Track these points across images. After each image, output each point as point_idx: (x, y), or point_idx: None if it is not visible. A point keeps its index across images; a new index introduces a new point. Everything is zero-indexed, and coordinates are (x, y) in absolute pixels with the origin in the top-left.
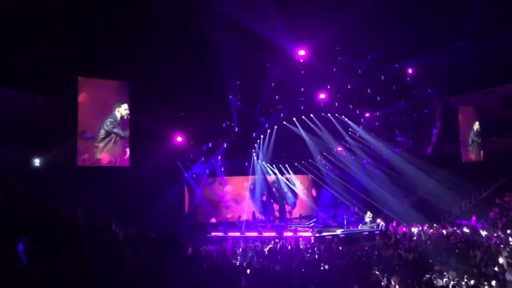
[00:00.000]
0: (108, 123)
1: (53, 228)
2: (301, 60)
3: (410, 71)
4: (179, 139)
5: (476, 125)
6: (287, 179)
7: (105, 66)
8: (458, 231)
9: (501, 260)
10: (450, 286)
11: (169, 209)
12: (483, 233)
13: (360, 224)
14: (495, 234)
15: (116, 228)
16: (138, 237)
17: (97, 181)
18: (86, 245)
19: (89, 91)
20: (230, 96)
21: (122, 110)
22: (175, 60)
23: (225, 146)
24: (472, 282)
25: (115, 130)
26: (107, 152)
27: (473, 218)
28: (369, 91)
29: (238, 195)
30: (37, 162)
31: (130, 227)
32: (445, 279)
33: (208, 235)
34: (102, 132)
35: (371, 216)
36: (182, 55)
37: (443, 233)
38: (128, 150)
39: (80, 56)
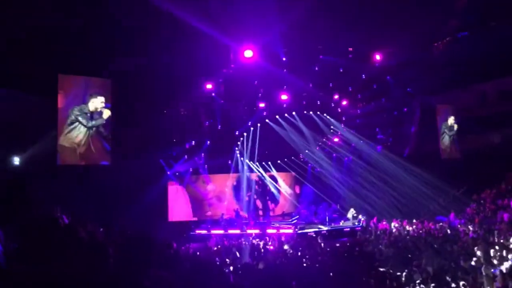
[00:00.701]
0: (76, 110)
1: (31, 227)
2: (284, 59)
3: (390, 69)
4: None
5: (454, 123)
6: (270, 176)
7: (87, 63)
8: (436, 227)
9: (478, 254)
10: (429, 280)
11: (152, 208)
12: (461, 228)
13: (342, 221)
14: (472, 229)
15: (96, 227)
16: (119, 236)
17: (78, 180)
18: (65, 245)
19: (70, 88)
20: (213, 94)
21: (98, 102)
22: (158, 58)
23: (208, 144)
24: (450, 276)
25: (80, 118)
26: (87, 150)
27: (452, 214)
28: (350, 89)
29: (222, 193)
30: (16, 161)
31: (111, 226)
32: (423, 274)
33: (191, 233)
34: (68, 121)
35: (354, 213)
36: (165, 52)
37: (422, 228)
38: (107, 147)
39: (61, 53)
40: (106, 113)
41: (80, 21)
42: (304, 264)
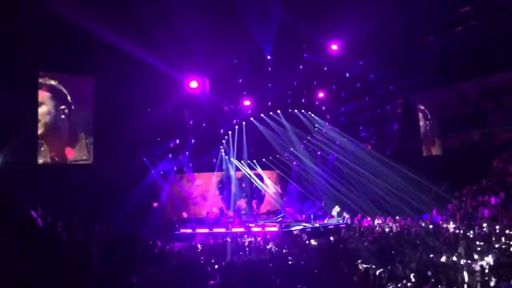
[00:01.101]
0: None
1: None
2: (269, 57)
3: (373, 68)
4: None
5: (435, 121)
6: (255, 174)
7: (69, 61)
8: (419, 223)
9: (459, 250)
10: (411, 276)
11: (136, 207)
12: (443, 224)
13: (327, 218)
14: (454, 226)
15: (78, 227)
16: (102, 235)
17: (61, 179)
18: (44, 245)
19: (51, 85)
20: (199, 92)
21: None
22: (139, 54)
23: (192, 142)
24: (432, 271)
25: (62, 116)
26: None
27: (434, 210)
28: (334, 87)
29: (206, 191)
30: None
31: (93, 225)
32: (406, 270)
33: (176, 232)
34: (50, 119)
35: (338, 210)
36: (149, 49)
37: (405, 225)
38: (91, 147)
39: (42, 50)
40: (88, 112)
41: (62, 19)
42: (290, 262)
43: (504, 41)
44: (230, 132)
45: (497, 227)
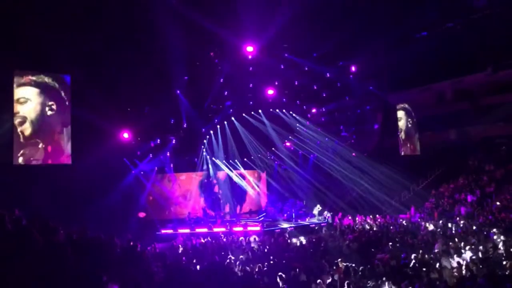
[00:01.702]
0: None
1: None
2: (250, 57)
3: (353, 68)
4: (125, 135)
5: (413, 121)
6: (236, 174)
7: (44, 59)
8: (398, 221)
9: (437, 247)
10: (391, 273)
11: (116, 208)
12: (421, 222)
13: (308, 217)
14: (431, 223)
15: (54, 228)
16: (78, 236)
17: (37, 180)
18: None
19: (26, 85)
20: (178, 91)
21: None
22: (121, 54)
23: (173, 142)
24: (410, 268)
25: (39, 116)
26: (46, 149)
27: (412, 208)
28: (315, 87)
29: (188, 191)
30: None
31: (70, 226)
32: (386, 268)
33: (157, 232)
34: (26, 119)
35: (319, 209)
36: (128, 49)
37: (384, 223)
38: (69, 147)
39: (17, 49)
40: (67, 113)
41: (38, 18)
42: (271, 262)
43: (480, 42)
44: (211, 132)
45: (473, 225)
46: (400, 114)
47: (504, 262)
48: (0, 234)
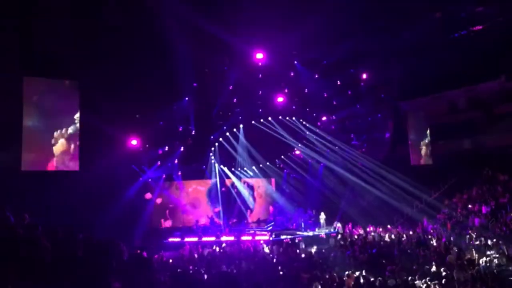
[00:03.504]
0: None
1: None
2: (260, 64)
3: (364, 76)
4: (134, 142)
5: (425, 129)
6: (245, 182)
7: (54, 66)
8: (410, 232)
9: (449, 259)
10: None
11: (124, 215)
12: (434, 233)
13: (318, 227)
14: (445, 234)
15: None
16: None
17: (45, 187)
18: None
19: (36, 91)
20: (186, 98)
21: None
22: (130, 61)
23: (181, 149)
24: (422, 281)
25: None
26: (53, 155)
27: (424, 219)
28: (325, 95)
29: (196, 199)
30: None
31: (76, 233)
32: (397, 280)
33: (164, 241)
34: (35, 125)
35: (324, 218)
36: (137, 56)
37: (395, 234)
38: (77, 153)
39: (27, 55)
40: (75, 119)
41: (47, 23)
42: (281, 272)
43: (494, 51)
44: (220, 139)
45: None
46: (412, 123)
47: None
48: (11, 239)
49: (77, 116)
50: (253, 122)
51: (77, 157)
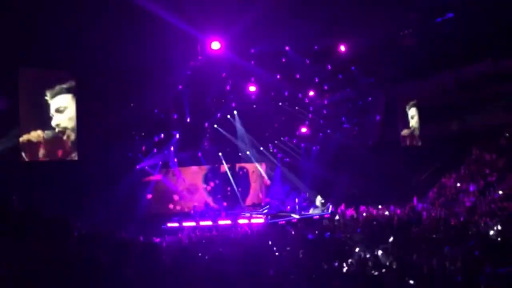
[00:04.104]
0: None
1: None
2: (252, 51)
3: (342, 48)
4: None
5: (414, 112)
6: (240, 167)
7: (50, 56)
8: (398, 211)
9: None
10: (394, 263)
11: (122, 203)
12: (423, 212)
13: (312, 208)
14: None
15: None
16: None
17: (44, 176)
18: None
19: (31, 82)
20: (180, 86)
21: (63, 97)
22: (124, 50)
23: (177, 137)
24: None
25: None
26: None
27: (415, 198)
28: (317, 80)
29: (192, 185)
30: None
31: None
32: (390, 257)
33: (163, 226)
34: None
35: (321, 200)
36: (131, 43)
37: (386, 214)
38: (73, 142)
39: (21, 46)
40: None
41: (41, 13)
42: (276, 253)
43: (482, 32)
44: (215, 125)
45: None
46: (402, 105)
47: None
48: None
49: (73, 106)
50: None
51: (75, 146)
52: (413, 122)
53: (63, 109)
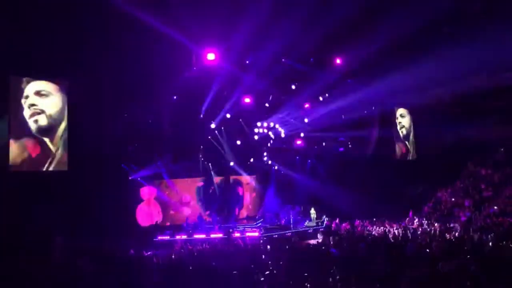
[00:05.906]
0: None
1: None
2: (247, 62)
3: (338, 61)
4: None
5: (410, 124)
6: (234, 179)
7: (42, 66)
8: (394, 226)
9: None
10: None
11: (113, 215)
12: (419, 228)
13: (306, 221)
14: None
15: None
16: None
17: (34, 187)
18: None
19: (23, 91)
20: (174, 97)
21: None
22: (118, 61)
23: (171, 148)
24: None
25: (34, 123)
26: (24, 148)
27: (410, 212)
28: (312, 92)
29: (185, 197)
30: None
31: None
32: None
33: (154, 239)
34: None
35: (315, 213)
36: (125, 55)
37: (381, 229)
38: (65, 152)
39: (13, 55)
40: (63, 119)
41: (35, 23)
42: (270, 267)
43: (475, 46)
44: (209, 137)
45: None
46: (397, 118)
47: None
48: None
49: (65, 116)
50: (240, 120)
51: (66, 157)
52: (408, 135)
53: (46, 93)
